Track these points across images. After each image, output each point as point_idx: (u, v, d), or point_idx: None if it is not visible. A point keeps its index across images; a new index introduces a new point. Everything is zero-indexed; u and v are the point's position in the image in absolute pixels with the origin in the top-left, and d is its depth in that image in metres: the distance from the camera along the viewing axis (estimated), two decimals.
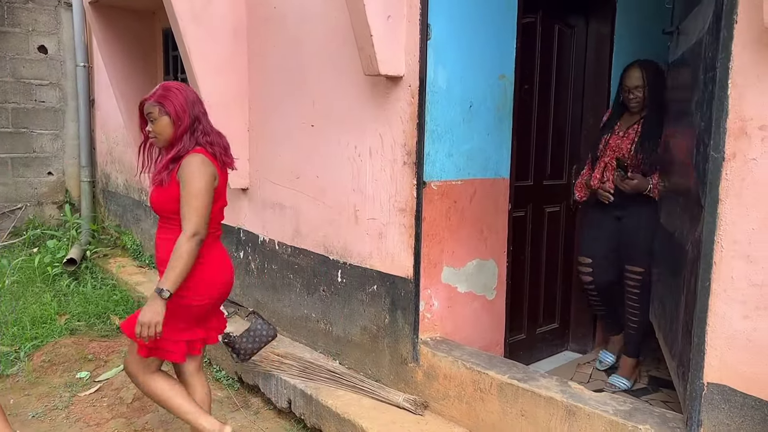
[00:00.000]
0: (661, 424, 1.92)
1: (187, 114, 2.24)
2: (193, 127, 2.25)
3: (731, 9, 1.66)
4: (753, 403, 1.68)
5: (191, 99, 2.28)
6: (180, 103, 2.23)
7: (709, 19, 1.93)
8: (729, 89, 1.68)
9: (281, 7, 3.32)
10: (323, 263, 3.16)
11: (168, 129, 2.23)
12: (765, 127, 1.61)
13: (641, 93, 2.92)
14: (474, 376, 2.41)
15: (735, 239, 1.69)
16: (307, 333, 3.34)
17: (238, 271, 3.95)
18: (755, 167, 1.64)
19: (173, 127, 2.23)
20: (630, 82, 2.94)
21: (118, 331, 4.12)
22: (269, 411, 3.07)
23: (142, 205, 5.51)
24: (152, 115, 2.23)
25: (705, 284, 1.77)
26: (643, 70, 2.91)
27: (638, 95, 2.93)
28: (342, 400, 2.70)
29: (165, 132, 2.24)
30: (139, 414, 3.04)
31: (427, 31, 2.49)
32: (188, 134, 2.24)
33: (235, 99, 3.63)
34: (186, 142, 2.23)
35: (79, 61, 6.16)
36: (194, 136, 2.25)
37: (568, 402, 2.11)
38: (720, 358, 1.75)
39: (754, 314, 1.67)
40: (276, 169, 3.49)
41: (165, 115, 2.22)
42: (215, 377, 3.44)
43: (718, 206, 1.73)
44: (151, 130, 2.26)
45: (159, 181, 2.24)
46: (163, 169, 2.24)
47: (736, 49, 1.66)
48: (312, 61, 3.14)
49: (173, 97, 2.22)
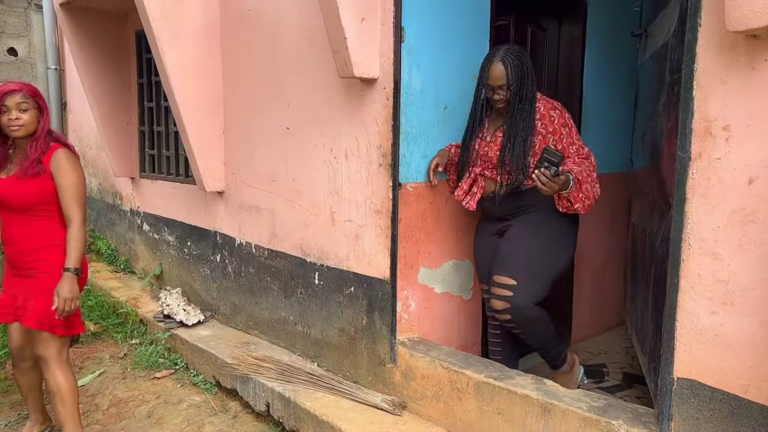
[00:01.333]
0: (633, 419, 1.96)
1: (49, 112, 2.52)
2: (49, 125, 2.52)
3: (695, 13, 1.70)
4: (721, 396, 1.72)
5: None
6: (45, 101, 2.51)
7: (675, 22, 1.98)
8: (694, 91, 1.72)
9: (255, 9, 3.31)
10: (300, 266, 3.15)
11: (34, 123, 2.44)
12: (729, 127, 1.65)
13: (506, 92, 2.46)
14: (451, 375, 2.43)
15: (701, 237, 1.73)
16: (285, 336, 3.33)
17: (214, 274, 3.92)
18: (720, 167, 1.68)
19: (39, 123, 2.45)
20: (494, 81, 2.47)
21: (93, 336, 4.07)
22: (247, 415, 3.05)
23: (116, 209, 5.44)
24: (24, 105, 2.41)
25: (674, 281, 1.81)
26: (507, 65, 2.42)
27: (502, 96, 2.47)
28: (320, 402, 2.70)
29: (31, 125, 2.43)
30: (115, 420, 3.01)
31: (401, 34, 2.51)
32: (49, 132, 2.49)
33: (210, 101, 3.61)
34: (48, 138, 2.47)
35: (51, 64, 6.07)
36: (52, 134, 2.51)
37: (543, 399, 2.14)
38: (689, 353, 1.79)
39: (720, 310, 1.71)
40: (252, 172, 3.48)
41: (35, 109, 2.44)
42: (192, 381, 3.41)
43: (685, 205, 1.77)
44: (17, 118, 2.40)
45: (33, 174, 2.40)
46: (30, 164, 2.40)
47: (701, 52, 1.70)
48: (287, 64, 3.13)
49: (41, 95, 2.49)
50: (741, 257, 1.65)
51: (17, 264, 2.51)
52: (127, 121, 4.88)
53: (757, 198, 1.61)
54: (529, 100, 2.45)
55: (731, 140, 1.65)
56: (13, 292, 2.53)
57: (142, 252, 4.98)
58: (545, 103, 2.51)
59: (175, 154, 4.36)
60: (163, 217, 4.57)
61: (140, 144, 4.84)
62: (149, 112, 4.68)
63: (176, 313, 3.86)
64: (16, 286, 2.53)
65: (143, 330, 4.06)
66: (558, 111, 2.50)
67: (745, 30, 1.51)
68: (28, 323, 2.45)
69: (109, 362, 3.71)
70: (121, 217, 5.35)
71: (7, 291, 2.57)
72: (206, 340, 3.52)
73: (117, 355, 3.80)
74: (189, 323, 3.77)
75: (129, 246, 5.25)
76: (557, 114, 2.49)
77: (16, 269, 2.53)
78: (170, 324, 3.82)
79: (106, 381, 3.45)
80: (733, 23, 1.51)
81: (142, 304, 4.30)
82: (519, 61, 2.43)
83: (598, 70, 3.58)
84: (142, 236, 4.97)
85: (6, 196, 2.44)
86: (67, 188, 2.44)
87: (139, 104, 4.80)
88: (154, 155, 4.67)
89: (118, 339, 4.02)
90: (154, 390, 3.33)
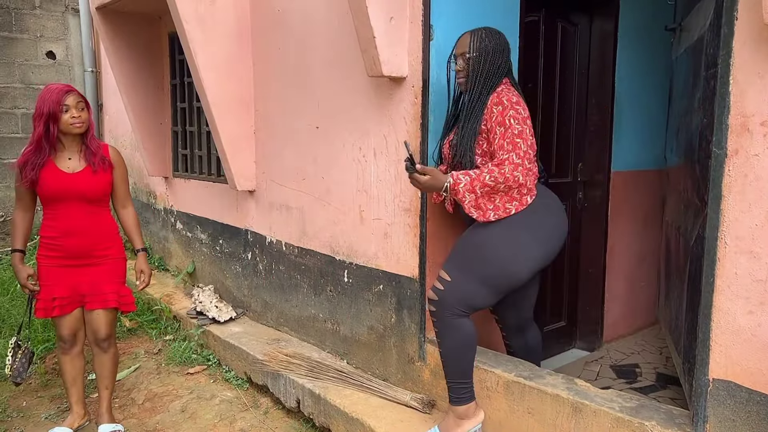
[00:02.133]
0: (667, 421, 1.92)
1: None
2: None
3: (731, 6, 1.66)
4: (758, 398, 1.68)
5: None
6: None
7: (710, 15, 1.94)
8: (730, 86, 1.68)
9: (285, 10, 3.35)
10: (329, 263, 3.18)
11: (88, 121, 2.71)
12: (766, 123, 1.61)
13: (465, 63, 2.26)
14: (480, 374, 2.42)
15: (738, 235, 1.69)
16: (315, 333, 3.36)
17: (245, 272, 3.98)
18: (757, 163, 1.64)
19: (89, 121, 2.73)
20: (457, 49, 2.32)
21: (129, 332, 4.17)
22: (278, 411, 3.10)
23: (150, 207, 5.56)
24: (81, 104, 2.67)
25: (709, 280, 1.77)
26: (473, 36, 2.24)
27: (462, 66, 2.28)
28: (350, 399, 2.72)
29: (87, 122, 2.69)
30: (150, 414, 3.08)
31: (430, 32, 2.50)
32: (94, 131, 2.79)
33: (241, 101, 3.66)
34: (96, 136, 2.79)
35: (87, 66, 6.22)
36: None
37: (574, 399, 2.11)
38: (725, 354, 1.75)
39: (758, 310, 1.67)
40: (282, 171, 3.52)
41: (87, 109, 2.70)
42: (224, 377, 3.47)
43: (721, 202, 1.73)
44: (78, 116, 2.64)
45: (105, 168, 2.73)
46: (100, 159, 2.72)
47: (737, 46, 1.66)
48: (316, 63, 3.16)
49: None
50: None
51: (85, 253, 2.73)
52: (160, 122, 4.99)
53: None
54: (488, 90, 2.22)
55: None
56: (72, 282, 2.72)
57: (176, 250, 5.09)
58: (495, 96, 2.18)
59: (207, 154, 4.44)
60: (196, 215, 4.65)
61: (173, 144, 4.94)
62: (182, 113, 4.77)
63: (208, 309, 3.93)
64: (76, 276, 2.72)
65: (177, 326, 4.15)
66: (501, 107, 2.13)
67: None
68: (112, 304, 2.77)
69: (144, 358, 3.80)
70: (155, 216, 5.47)
71: (62, 284, 2.71)
72: (238, 337, 3.58)
73: (152, 351, 3.89)
74: (221, 320, 3.84)
75: (163, 244, 5.36)
76: (498, 110, 2.13)
77: (81, 259, 2.72)
78: (203, 320, 3.89)
79: (141, 376, 3.53)
80: None
81: (175, 301, 4.39)
82: (488, 38, 2.22)
83: (631, 66, 3.52)
84: (175, 234, 5.07)
85: (86, 190, 2.68)
86: (124, 179, 2.85)
87: (172, 105, 4.90)
88: (187, 155, 4.76)
89: (152, 335, 4.11)
90: (187, 385, 3.40)
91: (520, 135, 2.10)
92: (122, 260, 2.86)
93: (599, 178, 3.54)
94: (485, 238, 2.20)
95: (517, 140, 2.10)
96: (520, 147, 2.09)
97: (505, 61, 2.27)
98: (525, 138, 2.11)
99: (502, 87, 2.22)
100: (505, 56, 2.26)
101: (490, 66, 2.22)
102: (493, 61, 2.22)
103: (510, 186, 2.11)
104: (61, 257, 2.70)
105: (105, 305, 2.75)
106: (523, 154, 2.09)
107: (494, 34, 2.26)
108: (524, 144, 2.10)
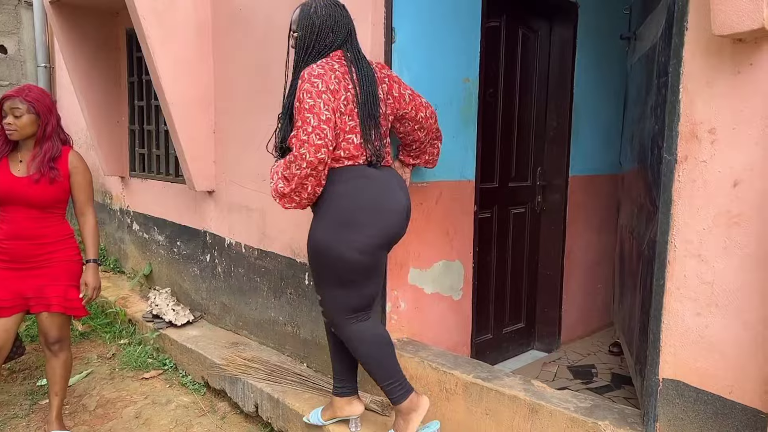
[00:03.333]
0: (619, 420, 1.97)
1: (54, 116, 2.65)
2: (58, 128, 2.69)
3: (682, 16, 1.71)
4: (705, 397, 1.73)
5: (52, 102, 2.71)
6: (47, 105, 2.63)
7: (662, 25, 2.00)
8: (680, 94, 1.73)
9: (247, 9, 3.30)
10: (290, 266, 3.15)
11: (30, 127, 2.59)
12: (714, 130, 1.67)
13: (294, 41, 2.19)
14: (440, 376, 2.43)
15: (687, 239, 1.75)
16: (275, 336, 3.32)
17: (204, 274, 3.91)
18: (705, 169, 1.69)
19: (36, 126, 2.60)
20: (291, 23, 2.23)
21: (81, 336, 4.04)
22: (236, 415, 3.05)
23: (106, 208, 5.41)
24: (18, 110, 2.56)
25: (660, 283, 1.82)
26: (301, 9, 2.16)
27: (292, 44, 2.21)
28: (309, 402, 2.69)
29: (25, 128, 2.58)
30: (102, 421, 2.99)
31: (392, 35, 2.51)
32: (56, 134, 2.66)
33: (201, 100, 3.60)
34: (57, 141, 2.66)
35: (40, 62, 6.02)
36: (59, 136, 2.69)
37: (531, 400, 2.14)
38: (674, 355, 1.80)
39: (705, 311, 1.72)
40: (242, 172, 3.47)
41: (32, 114, 2.58)
42: (181, 382, 3.40)
43: (671, 207, 1.78)
44: (11, 123, 2.56)
45: (48, 178, 2.60)
46: (47, 168, 2.60)
47: (687, 56, 1.71)
48: (278, 63, 3.12)
49: (42, 100, 2.62)
50: (726, 259, 1.67)
51: (30, 257, 2.65)
52: (117, 120, 4.86)
53: (741, 201, 1.63)
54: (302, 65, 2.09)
55: (717, 143, 1.67)
56: (16, 286, 2.63)
57: (132, 251, 4.96)
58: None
59: (165, 154, 4.34)
60: (153, 216, 4.55)
61: (130, 143, 4.82)
62: (140, 111, 4.65)
63: (165, 313, 3.84)
64: (21, 280, 2.64)
65: (132, 330, 4.04)
66: (300, 81, 2.01)
67: (731, 34, 1.52)
68: (56, 309, 2.67)
69: (97, 362, 3.69)
70: (110, 217, 5.33)
71: (5, 287, 2.62)
72: (195, 341, 3.51)
73: (105, 356, 3.78)
74: (178, 323, 3.76)
75: (118, 245, 5.22)
76: (298, 86, 2.03)
77: (26, 263, 2.64)
78: (159, 324, 3.80)
79: (94, 381, 3.43)
80: (719, 27, 1.53)
81: (131, 304, 4.28)
82: (316, 13, 2.09)
83: (589, 73, 3.60)
84: (131, 236, 4.94)
85: (24, 196, 2.59)
86: (83, 186, 2.74)
87: (129, 103, 4.78)
88: (144, 154, 4.65)
89: (106, 339, 4.00)
90: (142, 390, 3.32)
91: (311, 109, 1.95)
92: (74, 263, 2.75)
93: (558, 183, 3.61)
94: (311, 243, 2.14)
95: (307, 115, 1.95)
96: (309, 122, 1.94)
97: (337, 35, 2.11)
98: (317, 112, 1.94)
99: (321, 61, 2.06)
100: (337, 31, 2.11)
101: (316, 44, 2.10)
102: (320, 38, 2.09)
103: (302, 166, 1.96)
104: (6, 260, 2.62)
105: (48, 309, 2.66)
106: (311, 130, 1.93)
107: (328, 6, 2.10)
108: (315, 118, 1.94)
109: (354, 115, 2.06)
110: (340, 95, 2.02)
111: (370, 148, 2.11)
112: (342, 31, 2.12)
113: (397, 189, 2.17)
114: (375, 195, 2.10)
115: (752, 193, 1.60)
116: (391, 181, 2.17)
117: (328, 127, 1.96)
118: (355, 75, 2.08)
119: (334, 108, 2.00)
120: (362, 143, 2.09)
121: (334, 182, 2.08)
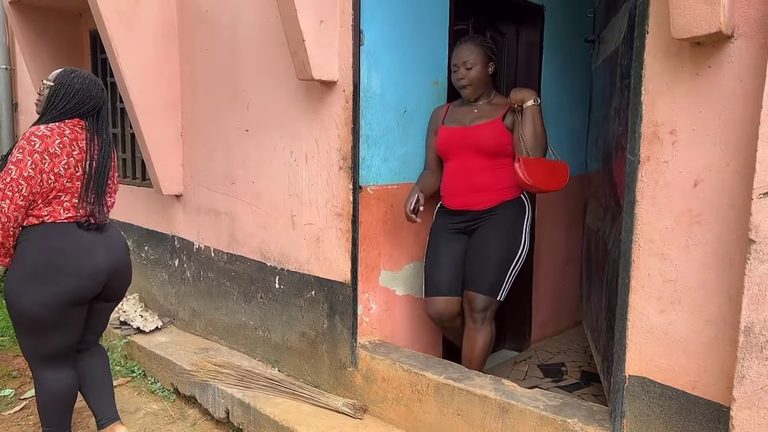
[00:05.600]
0: (588, 417, 2.00)
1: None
2: None
3: (642, 20, 1.75)
4: (670, 393, 1.77)
5: None
6: None
7: (624, 29, 2.04)
8: (642, 96, 1.77)
9: (213, 10, 3.27)
10: (260, 270, 3.12)
11: None
12: (675, 131, 1.71)
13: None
14: (411, 377, 2.44)
15: (650, 238, 1.78)
16: (245, 341, 3.29)
17: (172, 279, 3.85)
18: (667, 170, 1.73)
19: None
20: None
21: None
22: (207, 422, 3.00)
23: None
24: None
25: (625, 281, 1.85)
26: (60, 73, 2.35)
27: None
28: (281, 407, 2.67)
29: None
30: None
31: (360, 37, 2.51)
32: None
33: (167, 103, 3.54)
34: None
35: (1, 64, 5.85)
36: None
37: (501, 399, 2.16)
38: (639, 351, 1.84)
39: (669, 309, 1.76)
40: (210, 175, 3.42)
41: None
42: (150, 389, 3.33)
43: (635, 207, 1.81)
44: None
45: None
46: None
47: (648, 58, 1.75)
48: (246, 65, 3.10)
49: None
50: (687, 257, 1.71)
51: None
52: None
53: (702, 200, 1.67)
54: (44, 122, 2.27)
55: (677, 144, 1.70)
56: None
57: None
58: None
59: (131, 157, 4.26)
60: (119, 221, 4.45)
61: None
62: None
63: (133, 319, 3.77)
64: None
65: None
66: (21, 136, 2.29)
67: (690, 37, 1.56)
68: None
69: None
70: None
71: None
72: (164, 347, 3.45)
73: None
74: (146, 330, 3.69)
75: None
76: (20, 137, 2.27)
77: None
78: (127, 331, 3.73)
79: None
80: (677, 31, 1.56)
81: None
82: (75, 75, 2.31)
83: (556, 75, 3.65)
84: None
85: None
86: None
87: None
88: None
89: None
90: None
91: (17, 163, 2.11)
92: None
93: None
94: (5, 289, 2.25)
95: (10, 167, 2.12)
96: (9, 173, 2.11)
97: (84, 105, 2.29)
98: (21, 167, 2.11)
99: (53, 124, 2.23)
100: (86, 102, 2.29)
101: (62, 103, 2.27)
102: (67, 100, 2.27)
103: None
104: None
105: None
106: (9, 181, 2.10)
107: (87, 80, 2.31)
108: (16, 171, 2.10)
109: (74, 178, 2.24)
110: (61, 159, 2.20)
111: (86, 208, 2.28)
112: (89, 104, 2.31)
113: (101, 251, 2.31)
114: (68, 254, 2.23)
115: (711, 193, 1.64)
116: (95, 243, 2.31)
117: (26, 186, 2.12)
118: (95, 143, 2.30)
119: (43, 169, 2.15)
120: (76, 204, 2.26)
121: (31, 237, 2.21)
